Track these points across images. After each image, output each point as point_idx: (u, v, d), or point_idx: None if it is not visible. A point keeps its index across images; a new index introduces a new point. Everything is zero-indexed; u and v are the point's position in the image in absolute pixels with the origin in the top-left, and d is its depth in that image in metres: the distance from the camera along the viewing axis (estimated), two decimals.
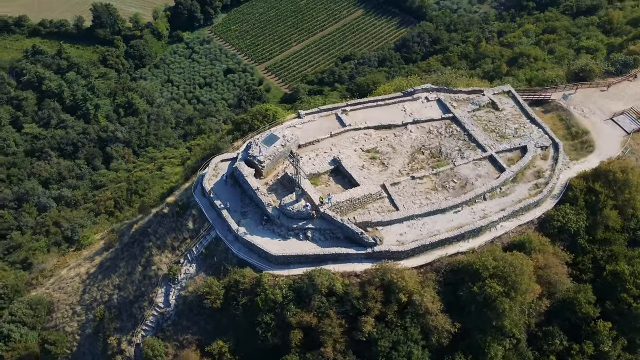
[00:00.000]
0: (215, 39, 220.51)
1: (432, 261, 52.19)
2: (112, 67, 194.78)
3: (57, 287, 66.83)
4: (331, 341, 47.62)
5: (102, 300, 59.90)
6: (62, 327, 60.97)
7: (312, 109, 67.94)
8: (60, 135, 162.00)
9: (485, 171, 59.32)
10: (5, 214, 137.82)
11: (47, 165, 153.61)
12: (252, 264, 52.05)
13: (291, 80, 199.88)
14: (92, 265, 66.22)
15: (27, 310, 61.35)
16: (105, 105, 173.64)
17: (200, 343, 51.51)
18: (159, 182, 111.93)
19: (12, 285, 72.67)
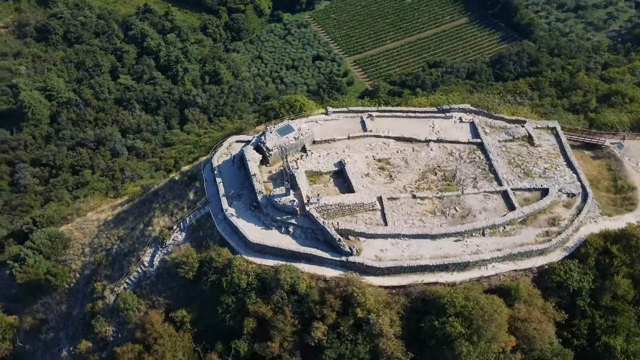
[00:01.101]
0: (312, 24, 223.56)
1: (406, 285, 50.48)
2: (209, 36, 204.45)
3: (79, 226, 72.70)
4: (280, 337, 47.93)
5: (105, 248, 64.45)
6: (69, 263, 66.50)
7: (341, 108, 67.59)
8: (148, 91, 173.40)
9: (493, 206, 55.98)
10: (84, 152, 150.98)
11: (129, 116, 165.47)
12: (231, 246, 53.41)
13: (376, 77, 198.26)
14: (111, 214, 71.20)
15: (46, 241, 67.50)
16: (193, 70, 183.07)
17: (168, 307, 53.99)
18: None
19: (50, 216, 79.96)
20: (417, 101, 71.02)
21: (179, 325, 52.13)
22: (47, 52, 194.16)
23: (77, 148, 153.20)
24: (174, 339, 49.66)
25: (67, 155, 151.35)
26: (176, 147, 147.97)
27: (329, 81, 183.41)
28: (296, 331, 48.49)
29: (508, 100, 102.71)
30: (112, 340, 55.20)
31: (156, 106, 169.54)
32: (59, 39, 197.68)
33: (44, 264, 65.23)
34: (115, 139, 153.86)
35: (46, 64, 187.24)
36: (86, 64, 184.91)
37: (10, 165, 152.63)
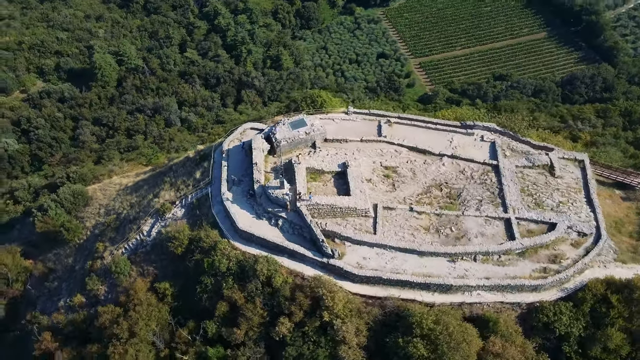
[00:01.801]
0: (384, 20, 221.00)
1: (382, 297, 49.60)
2: (279, 21, 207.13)
3: (103, 188, 76.68)
4: (246, 326, 48.65)
5: (117, 211, 67.64)
6: (85, 220, 70.41)
7: (362, 110, 66.87)
8: (210, 67, 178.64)
9: (492, 232, 53.66)
10: (140, 118, 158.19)
11: (189, 90, 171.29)
12: (221, 229, 54.53)
13: (439, 82, 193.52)
14: (132, 181, 74.51)
15: (69, 196, 71.77)
16: (257, 53, 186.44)
17: (155, 278, 56.10)
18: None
19: (83, 174, 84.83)
20: (441, 113, 68.82)
21: (160, 297, 54.07)
22: (126, 18, 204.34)
23: (135, 113, 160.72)
24: (151, 309, 51.54)
25: (125, 119, 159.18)
26: (225, 126, 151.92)
27: (388, 80, 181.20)
28: (264, 323, 49.04)
29: (570, 125, 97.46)
30: (102, 299, 58.13)
31: (215, 83, 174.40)
32: (139, 8, 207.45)
33: (63, 217, 69.43)
34: (171, 110, 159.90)
35: (123, 30, 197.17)
36: (159, 35, 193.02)
37: (74, 120, 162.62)
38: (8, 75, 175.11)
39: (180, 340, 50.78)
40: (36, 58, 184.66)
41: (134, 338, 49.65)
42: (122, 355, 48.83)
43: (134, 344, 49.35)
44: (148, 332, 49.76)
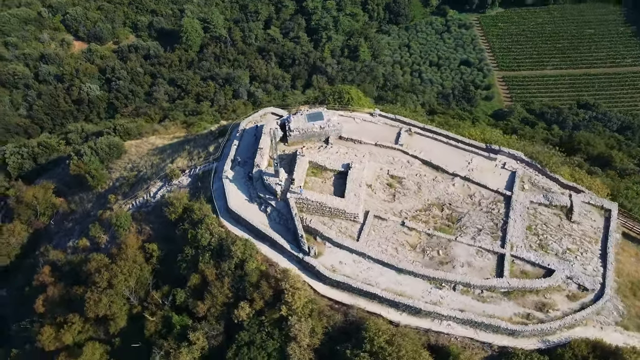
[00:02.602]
0: (475, 27, 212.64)
1: (348, 304, 48.81)
2: (367, 12, 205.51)
3: (139, 145, 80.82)
4: (210, 303, 49.82)
5: (139, 169, 71.15)
6: (112, 171, 74.67)
7: (388, 114, 65.26)
8: (289, 48, 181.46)
9: (481, 264, 50.86)
10: (211, 86, 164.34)
11: (263, 66, 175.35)
12: (214, 205, 55.86)
13: (519, 100, 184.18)
14: (163, 143, 77.88)
15: (105, 147, 76.40)
16: (336, 41, 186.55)
17: (149, 238, 58.62)
18: None
19: (129, 128, 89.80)
20: (468, 131, 65.42)
21: (147, 257, 56.55)
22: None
23: (208, 80, 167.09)
24: (134, 266, 54.08)
25: (198, 84, 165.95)
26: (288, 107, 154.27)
27: (464, 89, 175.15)
28: (227, 303, 49.95)
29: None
30: (102, 247, 61.72)
31: (290, 63, 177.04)
32: None
33: (94, 164, 74.10)
34: (242, 83, 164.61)
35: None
36: (248, 8, 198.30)
37: (152, 77, 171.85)
38: (105, 26, 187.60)
39: (152, 301, 52.97)
40: (133, 13, 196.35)
41: (111, 289, 52.41)
42: (97, 303, 51.78)
43: (109, 294, 52.17)
44: (124, 288, 52.29)
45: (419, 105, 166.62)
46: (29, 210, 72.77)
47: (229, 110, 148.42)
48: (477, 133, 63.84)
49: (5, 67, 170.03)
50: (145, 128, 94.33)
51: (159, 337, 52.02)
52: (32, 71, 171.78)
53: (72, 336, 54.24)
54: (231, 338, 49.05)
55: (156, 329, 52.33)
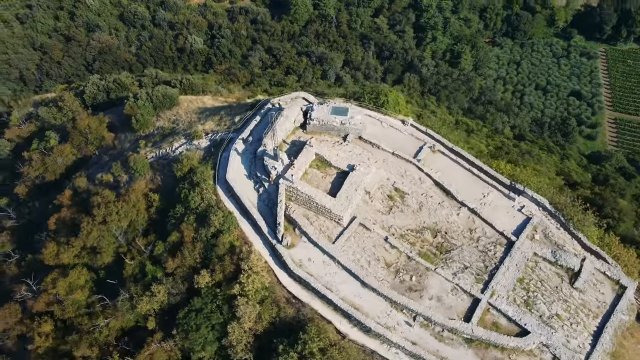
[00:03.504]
0: (600, 59, 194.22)
1: (305, 302, 48.31)
2: (483, 20, 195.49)
3: (192, 101, 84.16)
4: (179, 261, 51.69)
5: (176, 124, 74.44)
6: (158, 119, 78.63)
7: (419, 125, 62.43)
8: (390, 40, 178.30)
9: (452, 303, 47.71)
10: (303, 62, 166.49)
11: (360, 53, 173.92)
12: (216, 173, 57.23)
13: (626, 147, 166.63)
14: (212, 105, 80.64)
15: (160, 95, 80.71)
16: (440, 43, 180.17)
17: (156, 188, 61.62)
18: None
19: (194, 84, 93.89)
20: (497, 164, 60.25)
21: (149, 205, 59.52)
22: None
23: (302, 56, 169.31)
24: (130, 210, 57.25)
25: (292, 57, 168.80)
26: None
27: (563, 121, 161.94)
28: (194, 267, 51.42)
29: None
30: (120, 185, 65.85)
31: (387, 56, 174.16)
32: None
33: (145, 110, 78.66)
34: (334, 65, 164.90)
35: None
36: None
37: (252, 42, 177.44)
38: None
39: (136, 246, 55.89)
40: None
41: (103, 225, 56.03)
42: (88, 234, 55.71)
43: (100, 229, 55.82)
44: (115, 227, 55.63)
45: (508, 127, 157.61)
46: (81, 137, 79.29)
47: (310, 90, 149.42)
48: (507, 168, 58.88)
49: (129, 5, 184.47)
50: (210, 87, 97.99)
51: (133, 280, 54.99)
52: (151, 14, 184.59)
53: (69, 258, 58.88)
54: (187, 300, 50.58)
55: (133, 273, 55.31)
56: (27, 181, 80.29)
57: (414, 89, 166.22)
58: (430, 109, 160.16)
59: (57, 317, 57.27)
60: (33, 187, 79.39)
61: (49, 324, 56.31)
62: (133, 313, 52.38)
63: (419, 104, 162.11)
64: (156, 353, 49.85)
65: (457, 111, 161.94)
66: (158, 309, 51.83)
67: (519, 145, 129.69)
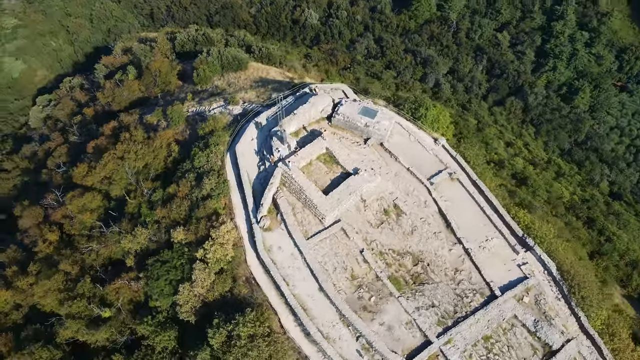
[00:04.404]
0: None
1: (261, 286, 48.29)
2: (618, 60, 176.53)
3: (259, 69, 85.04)
4: (165, 212, 54.13)
5: (229, 87, 76.22)
6: (219, 79, 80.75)
7: (450, 148, 58.75)
8: (506, 58, 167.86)
9: (400, 336, 45.06)
10: (407, 60, 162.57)
11: (469, 65, 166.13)
12: (232, 142, 58.30)
13: None
14: (272, 77, 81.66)
15: (229, 57, 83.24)
16: (559, 75, 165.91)
17: (181, 140, 64.29)
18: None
19: (271, 54, 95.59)
20: (517, 211, 54.28)
21: (168, 155, 62.13)
22: None
23: (408, 53, 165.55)
24: (148, 153, 60.39)
25: (397, 53, 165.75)
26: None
27: None
28: (177, 222, 53.27)
29: None
30: (159, 129, 69.03)
31: (497, 74, 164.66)
32: None
33: (210, 67, 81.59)
34: (436, 70, 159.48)
35: None
36: (495, 4, 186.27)
37: (365, 28, 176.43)
38: None
39: (140, 188, 58.97)
40: None
41: (120, 160, 59.75)
42: (105, 164, 59.76)
43: (116, 163, 59.57)
44: (127, 165, 58.96)
45: (606, 182, 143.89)
46: (150, 77, 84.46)
47: (404, 88, 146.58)
48: (526, 218, 53.45)
49: None
50: (290, 61, 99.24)
51: (130, 218, 58.30)
52: None
53: (91, 181, 63.38)
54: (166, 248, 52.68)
55: (132, 211, 58.55)
56: (97, 105, 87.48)
57: (514, 115, 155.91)
58: (525, 139, 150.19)
59: (65, 230, 62.41)
60: (100, 112, 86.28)
61: (55, 235, 61.61)
62: (119, 247, 55.64)
63: (513, 131, 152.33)
64: (122, 289, 52.72)
65: (553, 149, 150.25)
66: (139, 250, 54.50)
67: (610, 204, 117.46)
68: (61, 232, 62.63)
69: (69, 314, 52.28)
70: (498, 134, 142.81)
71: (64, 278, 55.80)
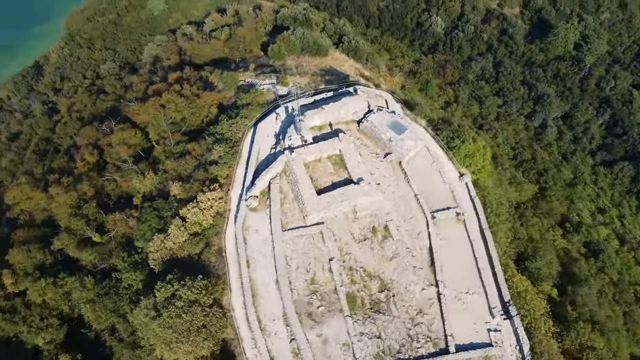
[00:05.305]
0: None
1: (227, 258, 49.36)
2: None
3: (337, 59, 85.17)
4: (174, 166, 57.06)
5: (295, 68, 77.12)
6: (295, 60, 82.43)
7: (472, 188, 55.03)
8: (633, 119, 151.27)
9: (332, 353, 43.90)
10: (519, 92, 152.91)
11: (589, 114, 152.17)
12: (259, 117, 59.40)
13: None
14: (342, 69, 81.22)
15: (310, 40, 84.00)
16: None
17: (225, 105, 66.73)
18: None
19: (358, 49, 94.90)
20: (518, 279, 49.00)
21: (207, 115, 64.93)
22: None
23: (524, 86, 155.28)
24: (186, 108, 63.57)
25: (512, 82, 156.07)
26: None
27: None
28: (186, 176, 55.86)
29: None
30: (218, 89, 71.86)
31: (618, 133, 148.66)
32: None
33: (288, 45, 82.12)
34: (547, 110, 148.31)
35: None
36: None
37: (487, 49, 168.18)
38: None
39: (169, 138, 62.44)
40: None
41: (162, 108, 63.70)
42: (147, 109, 64.14)
43: (157, 109, 63.58)
44: (164, 114, 62.58)
45: None
46: (236, 42, 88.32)
47: (505, 119, 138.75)
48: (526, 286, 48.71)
49: None
50: (380, 60, 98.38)
51: (152, 160, 62.23)
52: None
53: (140, 120, 68.36)
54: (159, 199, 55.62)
55: (156, 155, 62.38)
56: (182, 55, 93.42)
57: (620, 182, 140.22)
58: (622, 211, 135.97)
59: (103, 156, 68.17)
60: (186, 62, 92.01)
61: (93, 157, 67.56)
62: (131, 184, 59.76)
63: (612, 198, 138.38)
64: (119, 222, 56.75)
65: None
66: (146, 192, 58.08)
67: None
68: (100, 157, 68.39)
69: (68, 228, 57.38)
70: (593, 196, 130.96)
71: (78, 196, 61.05)
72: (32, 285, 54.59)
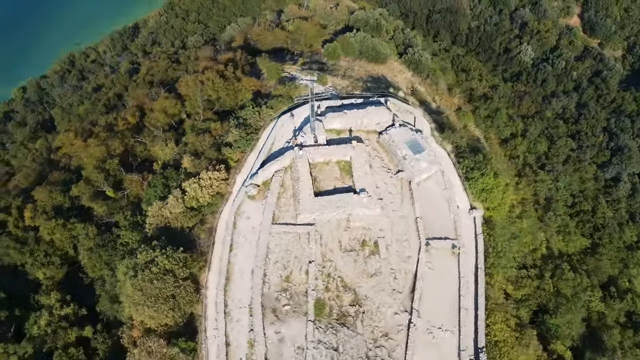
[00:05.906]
0: None
1: (214, 237, 50.68)
2: None
3: (393, 68, 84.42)
4: (194, 140, 58.75)
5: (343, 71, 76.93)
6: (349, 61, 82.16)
7: (479, 223, 52.64)
8: None
9: (284, 353, 43.84)
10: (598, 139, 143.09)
11: None
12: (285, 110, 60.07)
13: None
14: (394, 80, 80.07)
15: (370, 46, 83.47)
16: None
17: (262, 93, 68.05)
18: None
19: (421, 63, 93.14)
20: (499, 327, 45.78)
21: (241, 99, 66.56)
22: None
23: (604, 134, 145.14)
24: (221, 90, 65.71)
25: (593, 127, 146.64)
26: None
27: None
28: (197, 152, 57.71)
29: None
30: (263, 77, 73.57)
31: None
32: None
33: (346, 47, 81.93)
34: (623, 164, 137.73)
35: None
36: None
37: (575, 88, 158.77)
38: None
39: (199, 114, 64.64)
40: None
41: (201, 84, 66.05)
42: (187, 83, 66.73)
43: (195, 85, 66.05)
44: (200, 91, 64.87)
45: None
46: (297, 36, 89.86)
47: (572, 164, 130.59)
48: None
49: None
50: (442, 78, 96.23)
51: (181, 132, 64.85)
52: (508, 7, 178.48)
53: (184, 89, 71.28)
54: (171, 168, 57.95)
55: (185, 127, 64.92)
56: (247, 39, 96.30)
57: None
58: None
59: (144, 119, 71.85)
60: (246, 45, 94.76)
61: (134, 118, 71.45)
62: (155, 150, 62.68)
63: None
64: (134, 182, 59.86)
65: None
66: (166, 160, 60.65)
67: None
68: (140, 120, 72.15)
69: (87, 179, 61.10)
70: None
71: (107, 151, 64.78)
72: (45, 223, 58.83)
